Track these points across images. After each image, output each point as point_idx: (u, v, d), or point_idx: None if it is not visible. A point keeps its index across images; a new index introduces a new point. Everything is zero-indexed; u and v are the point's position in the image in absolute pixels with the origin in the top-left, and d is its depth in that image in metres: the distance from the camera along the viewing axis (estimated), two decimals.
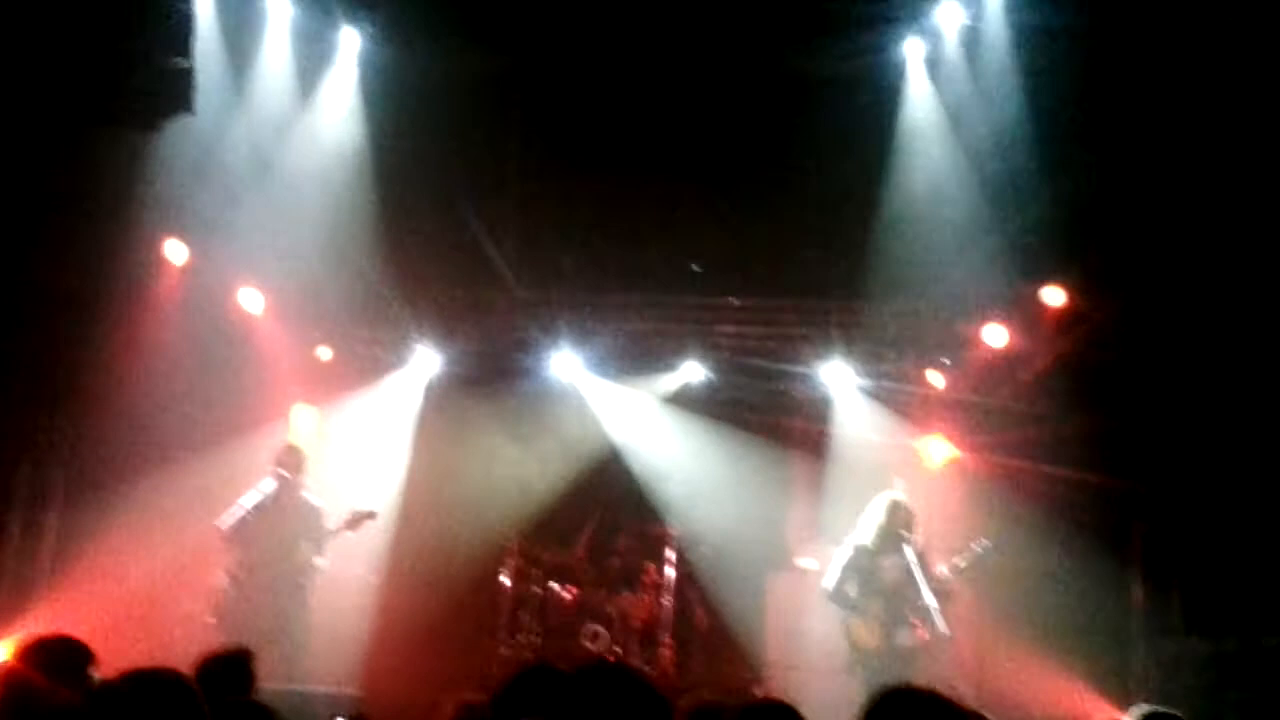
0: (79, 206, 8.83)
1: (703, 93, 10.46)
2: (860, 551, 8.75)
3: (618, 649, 10.64)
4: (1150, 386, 9.57)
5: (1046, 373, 10.24)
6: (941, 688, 3.79)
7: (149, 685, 2.86)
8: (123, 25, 7.15)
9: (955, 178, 10.10)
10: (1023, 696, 8.94)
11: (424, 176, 10.52)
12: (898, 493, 9.07)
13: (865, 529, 8.84)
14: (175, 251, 9.99)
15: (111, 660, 3.82)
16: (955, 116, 10.11)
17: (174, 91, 7.41)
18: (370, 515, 9.11)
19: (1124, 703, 8.41)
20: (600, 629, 10.70)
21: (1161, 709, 3.98)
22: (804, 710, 3.55)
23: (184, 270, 10.04)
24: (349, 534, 9.03)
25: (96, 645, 4.08)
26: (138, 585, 9.16)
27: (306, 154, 10.24)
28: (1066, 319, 10.25)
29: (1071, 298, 10.19)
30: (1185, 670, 9.14)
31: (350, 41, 10.48)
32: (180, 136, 8.94)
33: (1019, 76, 9.59)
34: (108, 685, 2.90)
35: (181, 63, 7.52)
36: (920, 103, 10.26)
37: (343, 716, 4.16)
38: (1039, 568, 9.53)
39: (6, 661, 3.99)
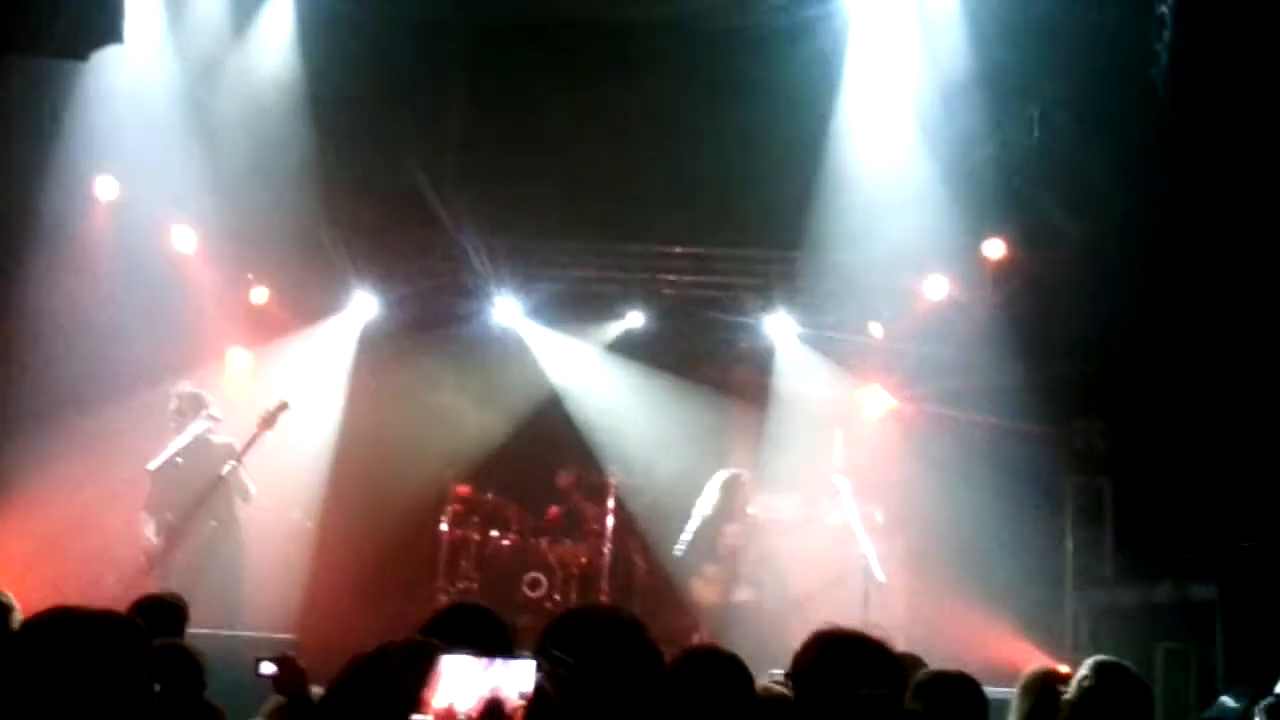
0: (3, 138, 8.55)
1: (647, 41, 10.33)
2: (705, 521, 9.82)
3: (556, 596, 10.66)
4: (1087, 337, 9.69)
5: (985, 324, 10.32)
6: (872, 631, 3.84)
7: (89, 624, 2.73)
8: None
9: (898, 130, 10.09)
10: (953, 643, 9.03)
11: (362, 116, 10.29)
12: (736, 470, 9.99)
13: (706, 502, 9.87)
14: (105, 188, 9.74)
15: (40, 602, 3.71)
16: (899, 68, 10.08)
17: (103, 20, 7.15)
18: (283, 407, 8.70)
19: (1054, 651, 8.58)
20: (540, 576, 10.70)
21: (1112, 659, 4.01)
22: (743, 653, 3.56)
23: (114, 207, 9.79)
24: (269, 434, 8.61)
25: (23, 587, 3.98)
26: (66, 528, 8.98)
27: (241, 90, 9.97)
28: (1006, 271, 10.34)
29: (1011, 250, 10.28)
30: (1115, 619, 9.32)
31: None
32: (110, 69, 8.67)
33: (963, 28, 9.57)
34: (38, 621, 2.76)
35: None
36: (864, 54, 10.21)
37: (268, 660, 4.08)
38: (972, 516, 9.63)
39: None
